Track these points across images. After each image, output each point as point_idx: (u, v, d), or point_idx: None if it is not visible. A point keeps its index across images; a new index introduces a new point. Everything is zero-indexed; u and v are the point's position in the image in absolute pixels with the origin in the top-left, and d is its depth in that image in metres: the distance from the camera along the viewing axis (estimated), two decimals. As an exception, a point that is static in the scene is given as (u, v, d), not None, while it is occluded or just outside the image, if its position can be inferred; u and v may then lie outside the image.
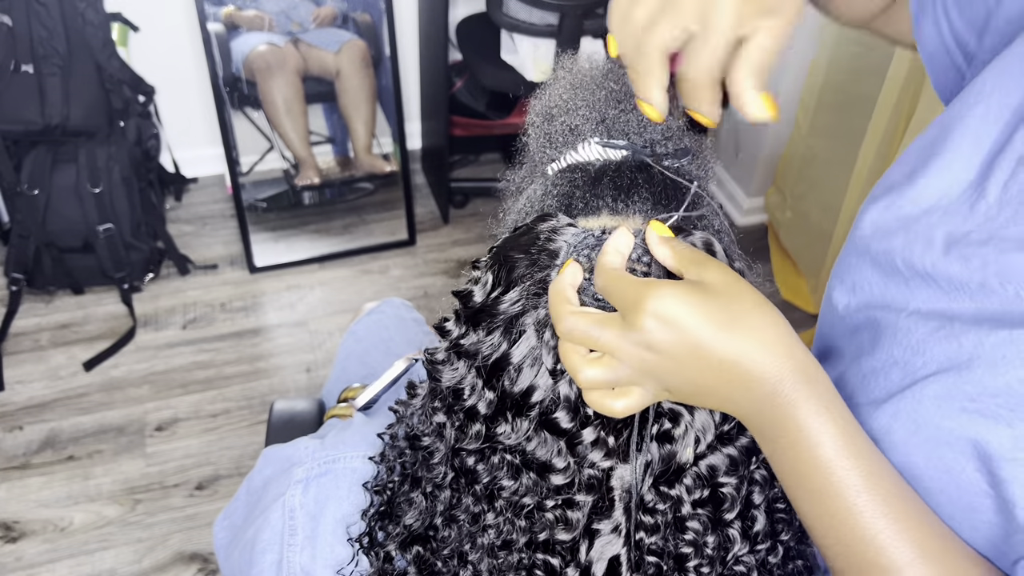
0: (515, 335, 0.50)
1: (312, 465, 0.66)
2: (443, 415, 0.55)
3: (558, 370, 0.50)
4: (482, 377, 0.51)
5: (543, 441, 0.50)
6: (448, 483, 0.55)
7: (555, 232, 0.52)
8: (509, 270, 0.52)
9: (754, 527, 0.53)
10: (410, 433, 0.60)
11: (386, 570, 0.59)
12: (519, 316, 0.51)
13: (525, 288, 0.51)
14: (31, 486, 1.68)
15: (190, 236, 2.29)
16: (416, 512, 0.58)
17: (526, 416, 0.50)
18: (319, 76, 2.21)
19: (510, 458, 0.51)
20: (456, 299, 0.55)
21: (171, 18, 2.14)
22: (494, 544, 0.53)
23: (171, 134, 2.30)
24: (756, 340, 0.44)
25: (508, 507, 0.52)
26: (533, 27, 1.93)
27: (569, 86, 0.62)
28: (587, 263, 0.50)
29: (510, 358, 0.50)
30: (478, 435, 0.52)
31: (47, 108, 1.86)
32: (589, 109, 0.60)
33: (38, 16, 1.81)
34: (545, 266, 0.51)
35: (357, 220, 2.37)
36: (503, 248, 0.54)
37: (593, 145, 0.58)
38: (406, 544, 0.58)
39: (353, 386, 1.00)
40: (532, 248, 0.52)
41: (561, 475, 0.50)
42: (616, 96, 0.61)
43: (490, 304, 0.52)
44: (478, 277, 0.54)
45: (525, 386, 0.50)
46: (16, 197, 1.94)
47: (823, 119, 2.03)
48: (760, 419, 0.46)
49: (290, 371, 1.93)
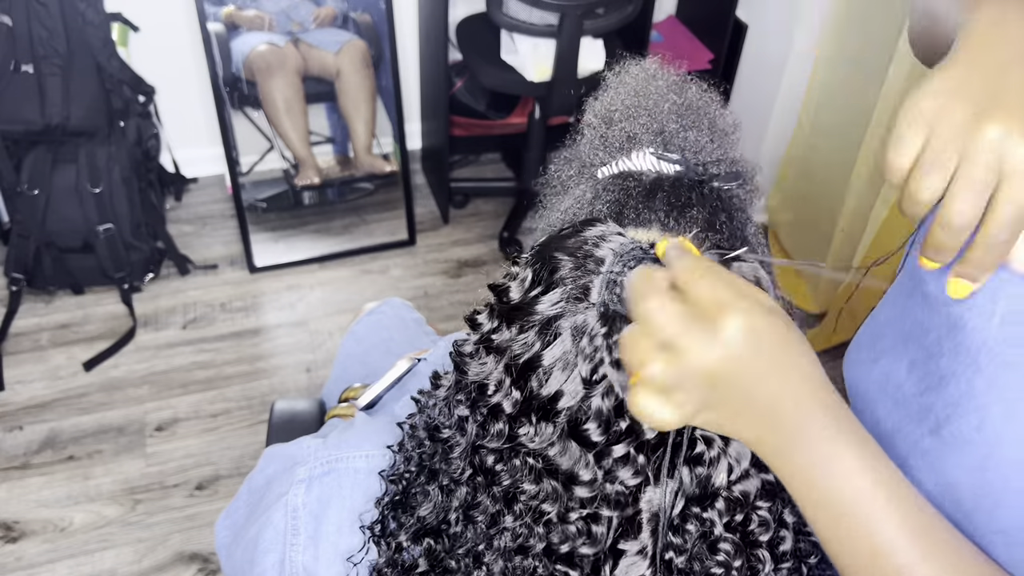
0: (550, 337, 0.49)
1: (315, 464, 0.66)
2: (466, 409, 0.54)
3: (593, 380, 0.48)
4: (511, 375, 0.50)
5: (568, 450, 0.49)
6: (466, 479, 0.55)
7: (603, 239, 0.51)
8: (552, 271, 0.50)
9: (781, 547, 0.52)
10: (430, 424, 0.59)
11: (396, 560, 0.58)
12: (556, 318, 0.49)
13: (566, 291, 0.49)
14: (31, 486, 1.68)
15: (190, 236, 2.28)
16: (431, 505, 0.57)
17: (552, 421, 0.49)
18: (319, 76, 2.21)
19: (532, 462, 0.50)
20: (491, 293, 0.54)
21: (171, 18, 2.14)
22: (510, 548, 0.52)
23: (171, 134, 2.29)
24: (801, 371, 0.43)
25: (527, 512, 0.51)
26: (533, 27, 1.93)
27: (633, 92, 0.61)
28: (632, 274, 0.48)
29: (542, 359, 0.49)
30: (500, 434, 0.51)
31: (47, 108, 1.86)
32: (650, 119, 0.59)
33: (38, 16, 1.81)
34: (589, 271, 0.49)
35: (357, 220, 2.37)
36: (547, 247, 0.52)
37: (648, 155, 0.58)
38: (418, 536, 0.57)
39: (354, 386, 1.00)
40: (578, 252, 0.50)
41: (587, 488, 0.49)
42: (678, 110, 0.60)
43: (528, 303, 0.50)
44: (516, 273, 0.53)
45: (554, 390, 0.49)
46: (16, 197, 1.94)
47: (825, 119, 2.03)
48: (791, 449, 0.44)
49: (290, 371, 1.93)
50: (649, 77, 0.62)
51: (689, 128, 0.59)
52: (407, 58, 2.39)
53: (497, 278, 0.55)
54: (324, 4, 2.19)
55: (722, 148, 0.60)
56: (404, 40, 2.34)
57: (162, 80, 2.17)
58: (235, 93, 2.14)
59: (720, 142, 0.61)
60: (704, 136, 0.60)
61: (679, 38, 2.42)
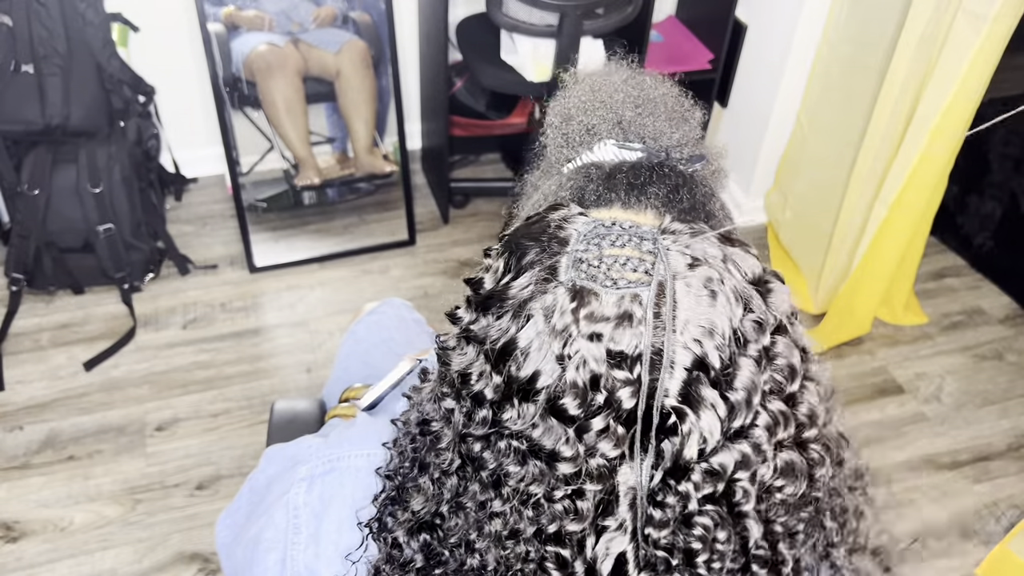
0: (523, 320, 0.51)
1: (316, 463, 0.66)
2: (452, 400, 0.55)
3: (565, 355, 0.49)
4: (490, 361, 0.52)
5: (550, 428, 0.50)
6: (455, 470, 0.55)
7: (566, 220, 0.53)
8: (520, 257, 0.52)
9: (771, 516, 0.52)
10: (420, 419, 0.60)
11: (393, 556, 0.59)
12: (528, 301, 0.51)
13: (535, 274, 0.51)
14: (31, 486, 1.68)
15: (190, 236, 2.29)
16: (423, 498, 0.58)
17: (532, 401, 0.50)
18: (319, 76, 2.21)
19: (516, 444, 0.51)
20: (467, 286, 0.55)
21: (171, 18, 2.14)
22: (501, 533, 0.53)
23: (171, 134, 2.30)
24: None
25: (515, 495, 0.52)
26: (533, 27, 1.93)
27: (588, 88, 0.63)
28: (596, 252, 0.51)
29: (517, 342, 0.50)
30: (484, 420, 0.52)
31: (47, 108, 1.86)
32: (607, 110, 0.61)
33: (38, 16, 1.81)
34: (554, 253, 0.51)
35: (357, 220, 2.37)
36: (514, 236, 0.54)
37: (609, 146, 0.59)
38: (413, 531, 0.58)
39: (355, 386, 1.00)
40: (543, 236, 0.52)
41: (569, 464, 0.50)
42: (634, 100, 0.61)
43: (500, 290, 0.52)
44: (489, 265, 0.55)
45: (531, 371, 0.50)
46: (16, 197, 1.94)
47: (824, 118, 2.03)
48: None
49: (290, 371, 1.94)
50: (603, 73, 0.64)
51: (646, 116, 0.60)
52: (407, 58, 2.39)
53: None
54: (324, 4, 2.19)
55: (681, 132, 0.61)
56: (404, 40, 2.34)
57: (162, 80, 2.17)
58: (235, 93, 2.14)
59: (679, 127, 0.62)
60: (662, 122, 0.61)
61: (679, 38, 2.42)
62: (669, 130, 0.61)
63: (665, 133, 0.60)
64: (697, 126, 0.61)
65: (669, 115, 0.62)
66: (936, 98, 1.64)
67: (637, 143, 0.59)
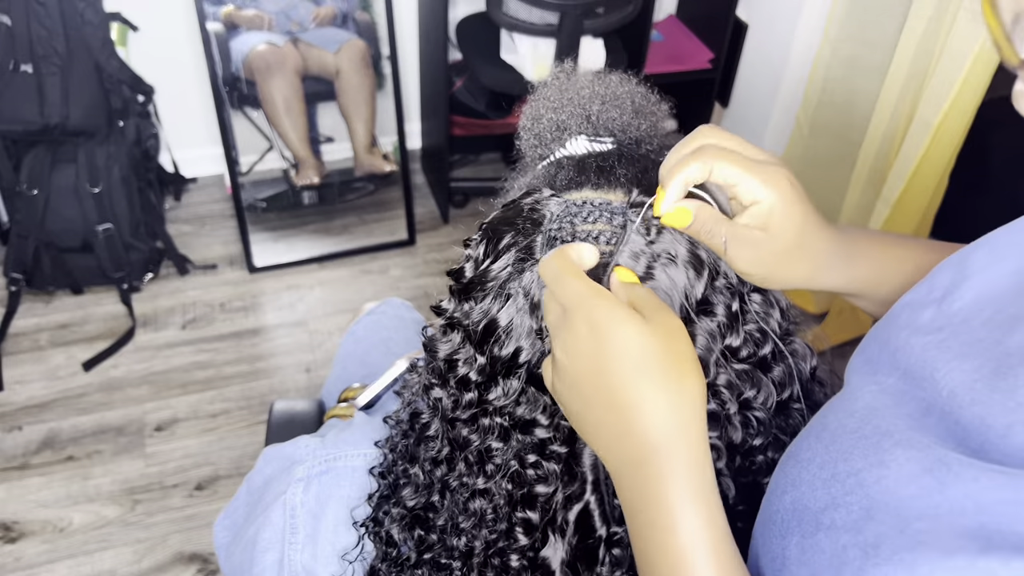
0: (502, 300, 0.53)
1: (313, 463, 0.66)
2: (439, 389, 0.57)
3: (543, 328, 0.52)
4: (474, 343, 0.54)
5: (530, 399, 0.53)
6: (444, 457, 0.57)
7: (539, 203, 0.55)
8: (496, 241, 0.54)
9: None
10: (410, 412, 0.62)
11: (389, 553, 0.60)
12: (507, 282, 0.53)
13: (512, 256, 0.53)
14: (30, 486, 1.67)
15: (189, 236, 2.28)
16: (413, 489, 0.60)
17: (515, 376, 0.53)
18: (319, 76, 2.20)
19: (500, 420, 0.54)
20: (450, 278, 0.57)
21: (171, 18, 2.14)
22: (484, 511, 0.55)
23: (171, 134, 2.29)
24: (662, 399, 0.43)
25: (497, 470, 0.55)
26: (533, 26, 1.93)
27: (557, 89, 0.65)
28: (570, 228, 0.53)
29: (498, 321, 0.53)
30: (470, 403, 0.55)
31: (46, 108, 1.86)
32: (575, 106, 0.63)
33: (37, 16, 1.81)
34: (529, 233, 0.54)
35: (357, 220, 2.37)
36: (491, 223, 0.56)
37: (580, 140, 0.60)
38: (406, 526, 0.59)
39: (353, 386, 1.00)
40: (517, 219, 0.55)
41: (544, 429, 0.53)
42: (601, 96, 0.63)
43: (479, 275, 0.54)
44: (469, 255, 0.56)
45: (512, 349, 0.53)
46: (15, 197, 1.94)
47: (824, 118, 2.03)
48: (627, 481, 0.45)
49: (290, 371, 1.93)
50: (569, 74, 0.66)
51: (613, 109, 0.62)
52: (407, 58, 2.39)
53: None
54: (324, 4, 2.19)
55: (650, 124, 0.63)
56: (404, 40, 2.34)
57: (161, 80, 2.17)
58: (235, 93, 2.14)
59: (647, 119, 0.64)
60: (629, 116, 0.63)
61: (679, 37, 2.42)
62: (637, 122, 0.62)
63: (633, 125, 0.62)
64: (665, 118, 0.63)
65: (636, 109, 0.63)
66: (937, 98, 1.64)
67: (607, 137, 0.61)
